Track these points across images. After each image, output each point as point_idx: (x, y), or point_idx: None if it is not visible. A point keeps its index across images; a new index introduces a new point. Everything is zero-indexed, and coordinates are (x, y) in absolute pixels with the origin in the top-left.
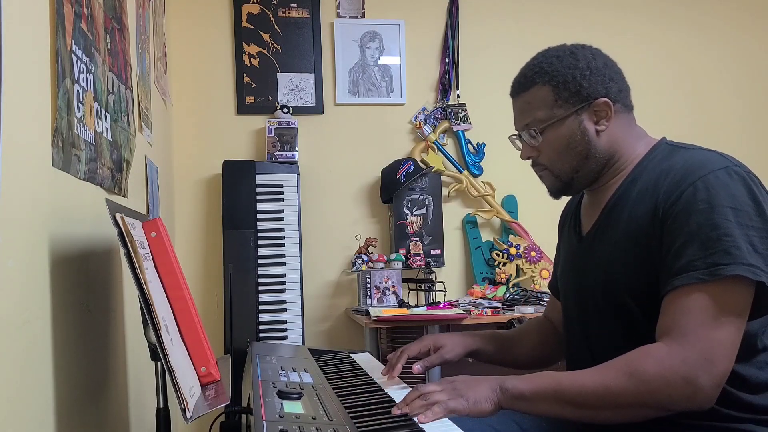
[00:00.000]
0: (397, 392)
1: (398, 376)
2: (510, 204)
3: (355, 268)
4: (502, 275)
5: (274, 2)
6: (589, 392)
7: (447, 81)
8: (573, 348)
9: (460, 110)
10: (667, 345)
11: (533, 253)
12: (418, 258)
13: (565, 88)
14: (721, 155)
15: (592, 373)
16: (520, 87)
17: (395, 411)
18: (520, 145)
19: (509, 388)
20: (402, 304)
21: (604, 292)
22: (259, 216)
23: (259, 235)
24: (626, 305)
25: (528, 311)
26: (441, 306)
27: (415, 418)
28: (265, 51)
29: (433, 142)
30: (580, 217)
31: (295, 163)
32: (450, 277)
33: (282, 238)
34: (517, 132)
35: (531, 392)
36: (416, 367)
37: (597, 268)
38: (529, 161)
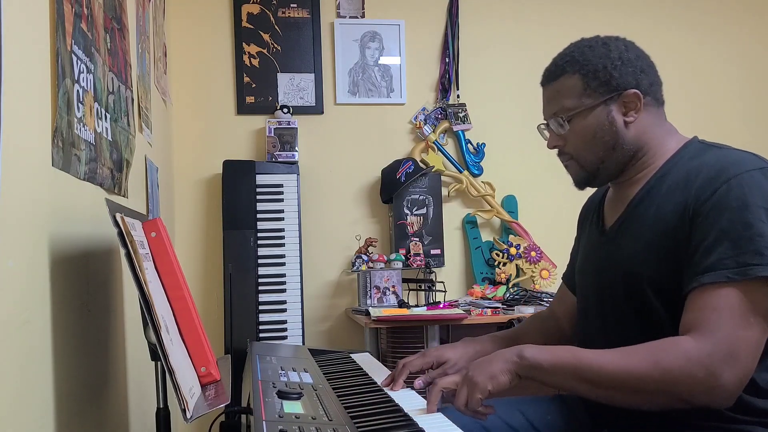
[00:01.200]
0: (398, 392)
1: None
2: (510, 204)
3: (355, 268)
4: (502, 275)
5: (274, 2)
6: (610, 374)
7: (447, 81)
8: (590, 344)
9: (460, 110)
10: (694, 339)
11: (533, 253)
12: (418, 258)
13: (595, 77)
14: (756, 156)
15: (615, 355)
16: (551, 76)
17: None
18: (548, 135)
19: (527, 357)
20: (402, 304)
21: (625, 287)
22: (259, 216)
23: (259, 235)
24: (648, 300)
25: (528, 311)
26: (441, 306)
27: (414, 418)
28: (265, 51)
29: (433, 142)
30: (604, 211)
31: (295, 163)
32: (450, 277)
33: (282, 238)
34: (545, 121)
35: (549, 364)
36: (418, 382)
37: (620, 262)
38: (556, 151)
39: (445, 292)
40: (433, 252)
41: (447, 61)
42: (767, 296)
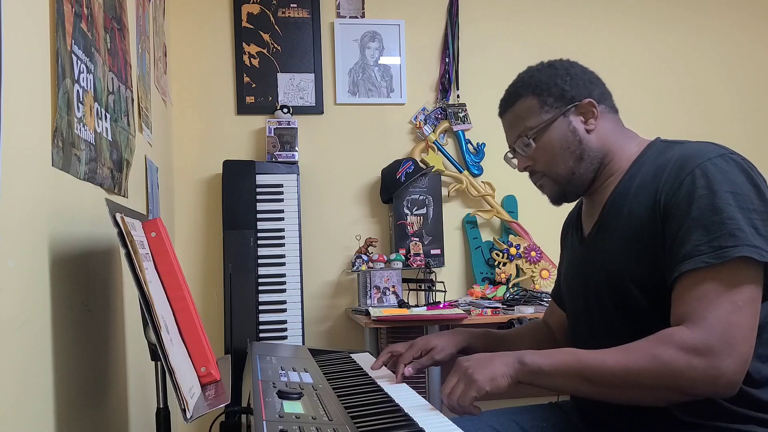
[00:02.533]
0: (397, 391)
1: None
2: (510, 204)
3: (355, 268)
4: (502, 275)
5: (274, 2)
6: (611, 372)
7: (447, 81)
8: (579, 346)
9: (460, 110)
10: (688, 329)
11: (533, 253)
12: (418, 258)
13: (549, 94)
14: (715, 144)
15: (614, 353)
16: (507, 103)
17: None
18: (516, 161)
19: (528, 363)
20: (402, 304)
21: (609, 287)
22: (259, 216)
23: (259, 235)
24: (632, 298)
25: (528, 311)
26: (441, 306)
27: (414, 418)
28: (265, 51)
29: (433, 142)
30: (582, 221)
31: (295, 163)
32: (450, 277)
33: (282, 238)
34: (510, 148)
35: (550, 367)
36: (408, 369)
37: (601, 264)
38: (527, 173)
39: (445, 292)
40: (433, 252)
41: (447, 61)
42: (749, 276)
